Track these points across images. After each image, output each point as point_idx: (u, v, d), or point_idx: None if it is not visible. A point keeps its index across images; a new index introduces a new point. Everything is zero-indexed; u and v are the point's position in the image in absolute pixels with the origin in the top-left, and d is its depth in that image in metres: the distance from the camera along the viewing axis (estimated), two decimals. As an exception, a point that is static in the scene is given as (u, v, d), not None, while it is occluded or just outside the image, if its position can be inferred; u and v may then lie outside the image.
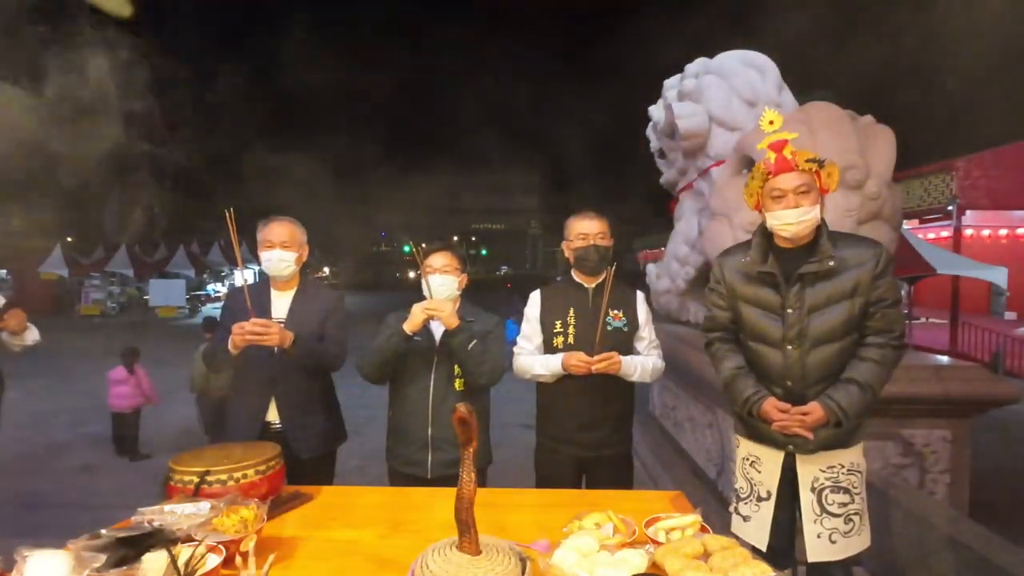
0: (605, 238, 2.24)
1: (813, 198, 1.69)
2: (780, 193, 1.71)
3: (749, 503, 1.87)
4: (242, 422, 2.23)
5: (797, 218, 1.69)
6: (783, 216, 1.71)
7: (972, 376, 2.79)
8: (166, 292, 20.33)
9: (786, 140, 1.72)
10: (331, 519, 1.64)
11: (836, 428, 1.72)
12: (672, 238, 4.32)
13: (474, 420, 1.16)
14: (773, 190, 1.73)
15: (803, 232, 1.72)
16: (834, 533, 1.76)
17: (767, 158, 1.74)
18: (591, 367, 2.09)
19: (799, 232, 1.72)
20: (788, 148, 1.71)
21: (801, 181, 1.68)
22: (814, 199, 1.70)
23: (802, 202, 1.68)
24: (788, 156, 1.70)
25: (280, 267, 2.25)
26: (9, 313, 2.28)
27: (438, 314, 2.08)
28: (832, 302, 1.71)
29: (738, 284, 1.85)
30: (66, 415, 6.56)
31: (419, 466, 2.17)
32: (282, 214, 2.33)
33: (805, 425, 1.70)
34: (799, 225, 1.70)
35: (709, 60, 4.00)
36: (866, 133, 2.81)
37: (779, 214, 1.72)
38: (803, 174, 1.69)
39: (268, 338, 2.07)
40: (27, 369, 7.16)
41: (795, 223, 1.70)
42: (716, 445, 3.34)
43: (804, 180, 1.69)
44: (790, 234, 1.73)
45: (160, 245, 23.79)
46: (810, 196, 1.69)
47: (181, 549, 1.21)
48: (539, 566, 1.24)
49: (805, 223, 1.70)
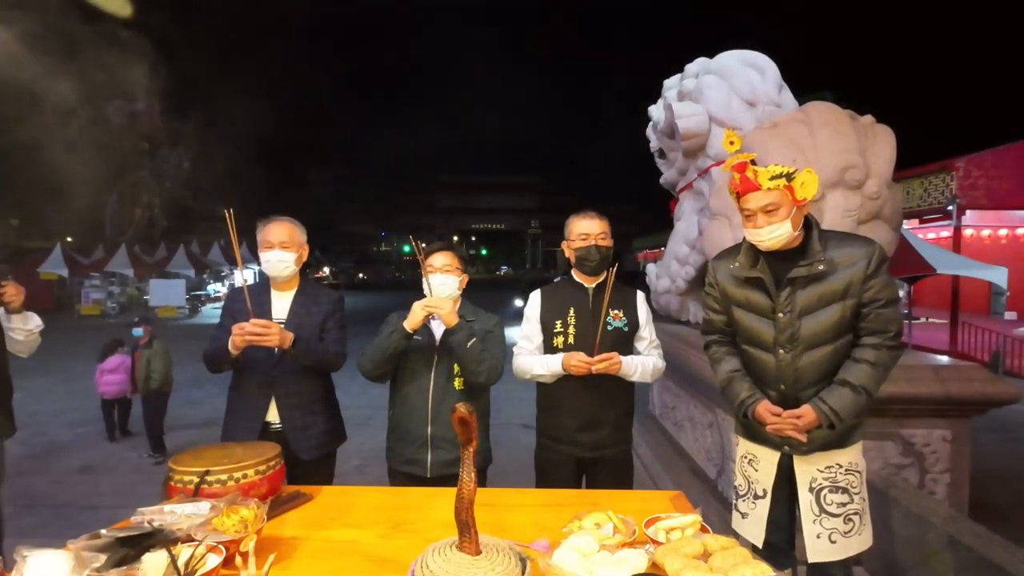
0: (606, 238, 2.24)
1: (783, 213, 1.68)
2: (749, 212, 1.72)
3: (747, 500, 1.89)
4: (242, 423, 2.23)
5: (768, 235, 1.69)
6: (755, 233, 1.72)
7: (972, 376, 2.79)
8: (166, 292, 20.32)
9: (746, 162, 1.71)
10: (331, 519, 1.64)
11: (830, 430, 1.72)
12: (672, 238, 4.31)
13: (474, 420, 1.16)
14: (743, 209, 1.75)
15: (778, 246, 1.72)
16: (834, 533, 1.76)
17: (733, 178, 1.74)
18: (591, 368, 2.10)
19: (773, 247, 1.72)
20: (749, 169, 1.70)
21: (767, 200, 1.67)
22: (785, 214, 1.68)
23: (772, 220, 1.68)
24: (750, 176, 1.69)
25: (279, 267, 2.25)
26: (7, 282, 2.24)
27: (437, 311, 2.08)
28: (823, 304, 1.71)
29: (730, 288, 1.86)
30: (66, 415, 6.56)
31: (419, 465, 2.18)
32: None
33: (798, 428, 1.71)
34: (770, 241, 1.70)
35: (709, 60, 3.99)
36: (866, 133, 2.81)
37: (751, 231, 1.73)
38: (769, 193, 1.67)
39: (268, 339, 2.07)
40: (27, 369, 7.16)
41: (766, 239, 1.71)
42: (716, 445, 3.34)
43: (771, 199, 1.67)
44: (766, 248, 1.74)
45: (160, 245, 23.81)
46: (779, 212, 1.68)
47: (181, 549, 1.21)
48: (539, 566, 1.24)
49: (778, 238, 1.70)
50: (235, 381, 2.31)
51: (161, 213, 27.27)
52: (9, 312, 2.23)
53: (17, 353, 2.35)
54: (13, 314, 2.28)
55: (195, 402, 7.15)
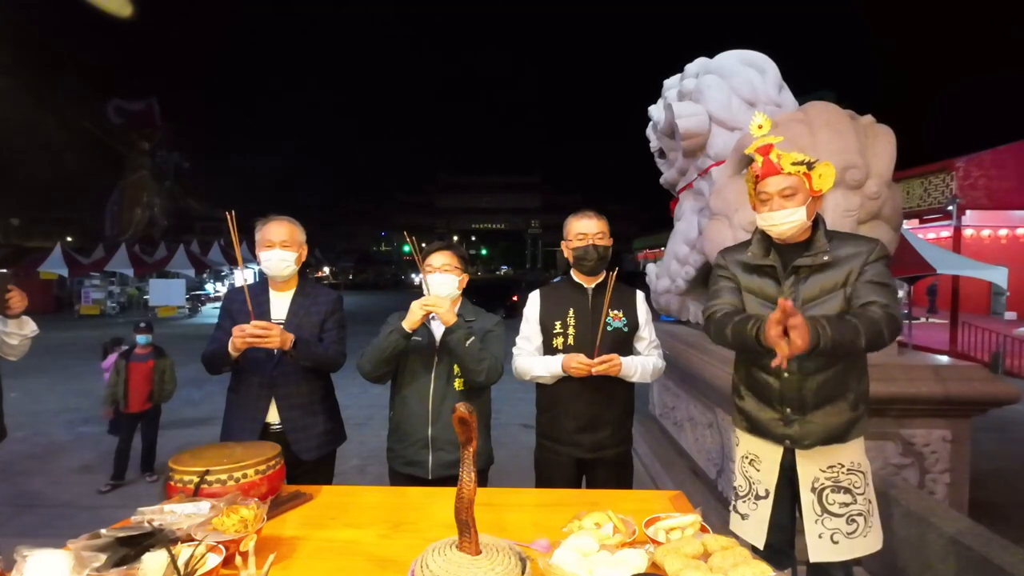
0: (604, 238, 2.24)
1: (800, 199, 1.71)
2: (766, 196, 1.74)
3: (748, 501, 1.88)
4: (242, 424, 2.22)
5: (782, 219, 1.72)
6: (769, 217, 1.75)
7: (972, 376, 2.79)
8: (166, 292, 20.31)
9: (771, 144, 1.74)
10: (331, 519, 1.64)
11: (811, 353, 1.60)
12: (672, 238, 4.32)
13: (474, 420, 1.16)
14: (760, 193, 1.77)
15: (790, 232, 1.74)
16: (836, 533, 1.76)
17: (756, 161, 1.77)
18: (591, 370, 2.09)
19: (785, 232, 1.75)
20: (774, 152, 1.73)
21: (786, 184, 1.70)
22: (801, 200, 1.71)
23: (787, 204, 1.71)
24: (774, 159, 1.72)
25: (280, 267, 2.25)
26: (12, 288, 2.21)
27: (436, 310, 2.08)
28: (825, 293, 1.74)
29: (741, 275, 1.88)
30: (66, 415, 6.56)
31: (420, 466, 2.17)
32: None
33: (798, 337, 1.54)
34: (785, 226, 1.73)
35: (709, 60, 3.99)
36: (866, 133, 2.81)
37: (766, 215, 1.76)
38: (789, 177, 1.70)
39: (269, 341, 2.06)
40: (27, 369, 7.16)
41: (780, 224, 1.73)
42: (716, 445, 3.34)
43: (789, 183, 1.70)
44: (777, 234, 1.77)
45: (160, 245, 23.80)
46: (796, 198, 1.71)
47: (181, 549, 1.21)
48: (539, 566, 1.24)
49: (791, 224, 1.72)
50: (235, 382, 2.31)
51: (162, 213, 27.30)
52: (8, 317, 2.22)
53: (6, 356, 2.33)
54: (11, 319, 2.26)
55: (195, 402, 7.15)
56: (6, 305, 2.16)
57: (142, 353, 4.58)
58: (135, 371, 4.52)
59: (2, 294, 2.14)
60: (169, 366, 4.68)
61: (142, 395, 4.52)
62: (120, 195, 28.30)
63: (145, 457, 4.62)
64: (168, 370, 4.66)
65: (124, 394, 4.46)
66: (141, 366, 4.54)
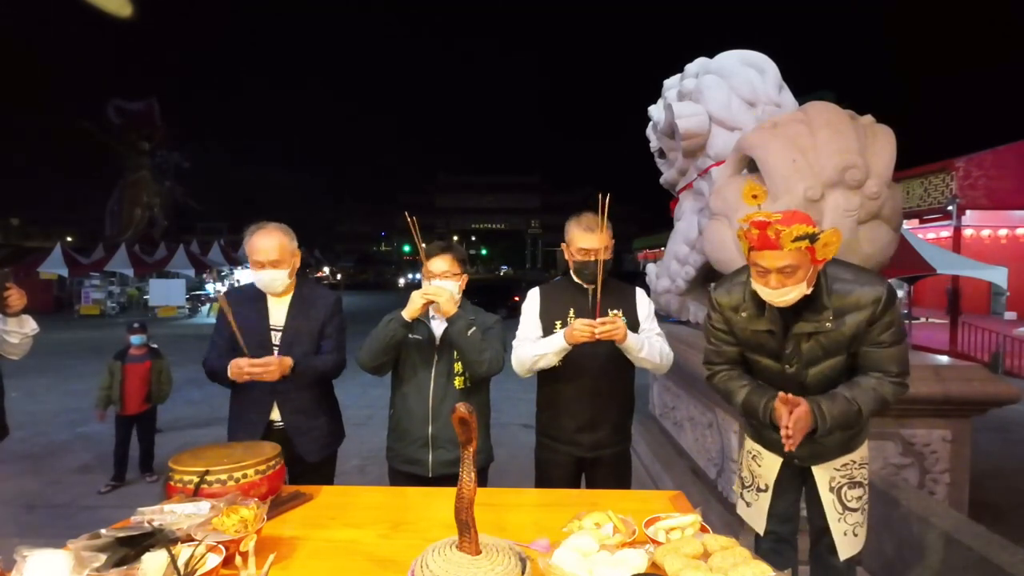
0: (608, 251, 2.17)
1: (800, 275, 1.53)
2: (762, 271, 1.57)
3: (751, 491, 1.95)
4: (247, 427, 2.22)
5: (778, 297, 1.57)
6: (764, 292, 1.60)
7: (972, 376, 2.79)
8: (166, 292, 20.32)
9: (769, 221, 1.52)
10: (331, 519, 1.64)
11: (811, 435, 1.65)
12: (672, 238, 4.31)
13: (474, 419, 1.16)
14: (756, 264, 1.59)
15: (789, 304, 1.59)
16: (856, 527, 1.82)
17: (750, 232, 1.57)
18: (594, 331, 1.99)
19: (783, 304, 1.60)
20: (772, 228, 1.51)
21: (786, 263, 1.51)
22: (802, 276, 1.54)
23: (787, 282, 1.54)
24: (771, 236, 1.51)
25: (272, 285, 2.24)
26: (11, 286, 2.21)
27: (436, 298, 2.08)
28: (830, 355, 1.67)
29: (737, 328, 1.77)
30: (66, 415, 6.55)
31: (420, 465, 2.18)
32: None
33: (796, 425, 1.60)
34: (780, 302, 1.59)
35: (709, 60, 3.99)
36: (866, 133, 2.81)
37: (760, 289, 1.60)
38: (789, 254, 1.50)
39: (268, 375, 2.08)
40: (27, 369, 7.16)
41: (776, 300, 1.59)
42: (716, 445, 3.34)
43: (789, 260, 1.51)
44: (775, 304, 1.62)
45: (160, 245, 23.79)
46: (796, 275, 1.53)
47: (181, 549, 1.21)
48: (539, 566, 1.24)
49: (788, 301, 1.58)
50: (237, 387, 2.30)
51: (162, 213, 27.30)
52: (7, 315, 2.21)
53: (8, 355, 2.33)
54: (10, 317, 2.26)
55: (195, 402, 7.15)
56: (5, 303, 2.15)
57: (137, 354, 4.44)
58: (131, 372, 4.37)
59: (1, 292, 2.14)
60: (166, 366, 4.57)
61: (139, 396, 4.39)
62: (120, 195, 28.31)
63: (144, 459, 4.53)
64: (165, 371, 4.55)
65: (120, 396, 4.32)
66: (138, 367, 4.39)
